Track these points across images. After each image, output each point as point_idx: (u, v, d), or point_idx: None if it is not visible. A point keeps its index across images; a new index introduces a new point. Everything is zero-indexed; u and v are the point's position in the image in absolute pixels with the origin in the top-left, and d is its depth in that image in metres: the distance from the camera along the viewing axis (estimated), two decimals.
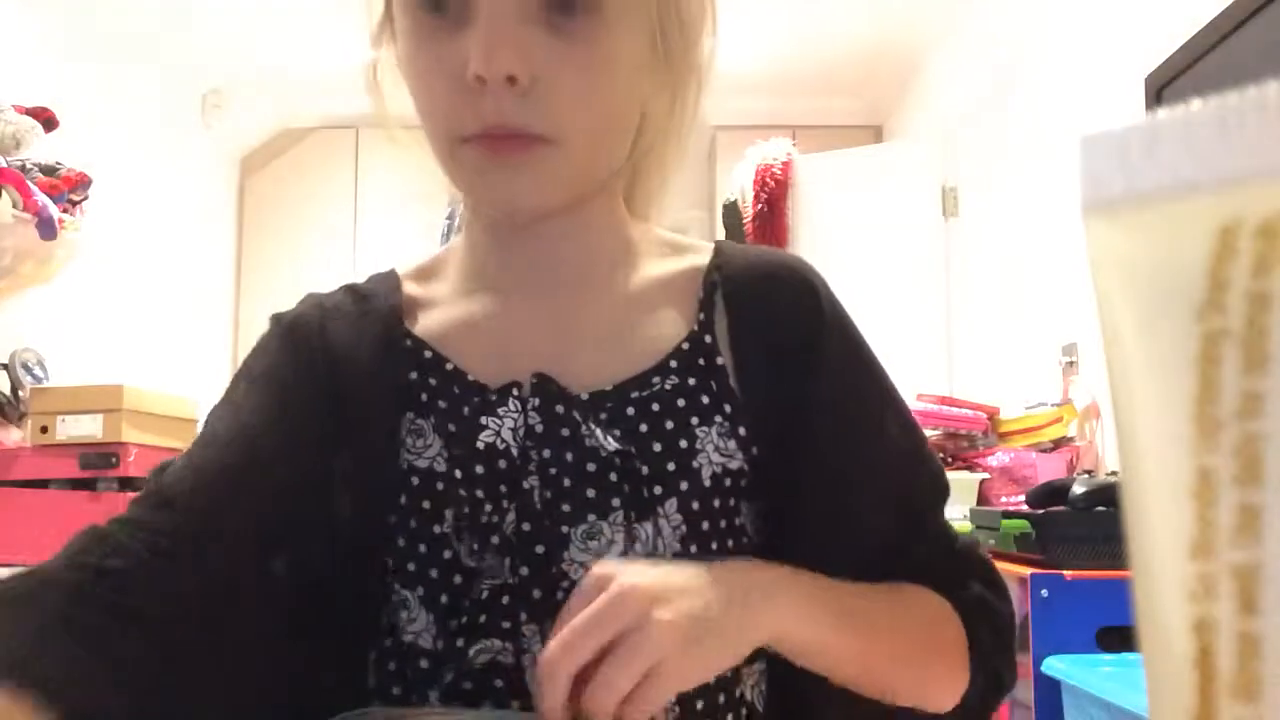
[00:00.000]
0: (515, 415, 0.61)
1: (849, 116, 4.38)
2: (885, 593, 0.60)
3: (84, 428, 2.37)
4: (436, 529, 0.60)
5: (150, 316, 3.66)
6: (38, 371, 2.81)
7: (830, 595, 0.55)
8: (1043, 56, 2.75)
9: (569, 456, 0.60)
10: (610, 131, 0.62)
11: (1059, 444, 2.44)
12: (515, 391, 0.62)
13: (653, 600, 0.48)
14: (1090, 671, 1.34)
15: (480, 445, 0.60)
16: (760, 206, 3.59)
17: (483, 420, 0.61)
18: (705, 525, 0.60)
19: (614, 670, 0.47)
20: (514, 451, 0.60)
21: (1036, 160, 2.75)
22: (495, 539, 0.59)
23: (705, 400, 0.62)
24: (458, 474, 0.60)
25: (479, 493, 0.59)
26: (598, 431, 0.60)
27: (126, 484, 2.39)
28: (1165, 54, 2.00)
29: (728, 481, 0.61)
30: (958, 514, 2.38)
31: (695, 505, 0.60)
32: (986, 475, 2.50)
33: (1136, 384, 0.22)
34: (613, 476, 0.60)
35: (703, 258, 0.69)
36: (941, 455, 2.68)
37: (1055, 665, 1.42)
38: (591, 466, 0.60)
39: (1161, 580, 0.22)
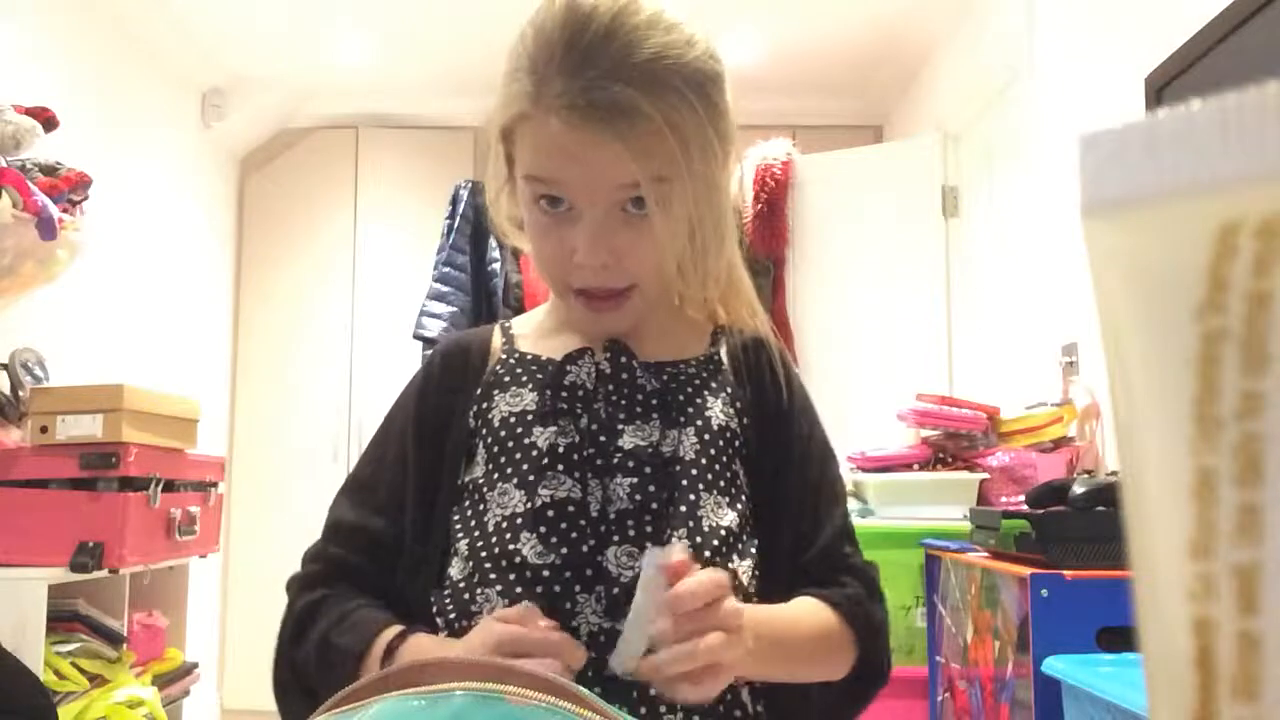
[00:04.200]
0: (590, 365, 0.92)
1: (849, 116, 4.38)
2: (799, 615, 0.87)
3: (84, 428, 2.37)
4: (527, 440, 0.88)
5: (150, 316, 3.66)
6: (38, 371, 2.81)
7: (768, 639, 0.81)
8: (1043, 56, 2.75)
9: (625, 390, 0.91)
10: (664, 275, 0.92)
11: (1059, 444, 2.44)
12: (590, 353, 0.93)
13: (742, 629, 0.75)
14: (1090, 671, 1.34)
15: (566, 382, 0.91)
16: (760, 206, 3.59)
17: (568, 368, 0.92)
18: (713, 451, 0.89)
19: (702, 646, 0.71)
20: (589, 385, 0.91)
21: (1036, 160, 2.75)
22: (571, 429, 0.88)
23: (714, 384, 0.94)
24: (548, 401, 0.89)
25: (562, 406, 0.89)
26: (648, 377, 0.92)
27: (126, 484, 2.39)
28: (1165, 54, 2.00)
29: (728, 434, 0.91)
30: (957, 514, 2.39)
31: (706, 437, 0.90)
32: (986, 475, 2.50)
33: (1136, 384, 0.22)
34: (654, 402, 0.90)
35: (712, 325, 1.02)
36: (941, 455, 2.68)
37: (1055, 665, 1.42)
38: (640, 396, 0.91)
39: (1161, 580, 0.22)
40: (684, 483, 0.86)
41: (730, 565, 0.86)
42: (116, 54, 3.47)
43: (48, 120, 2.59)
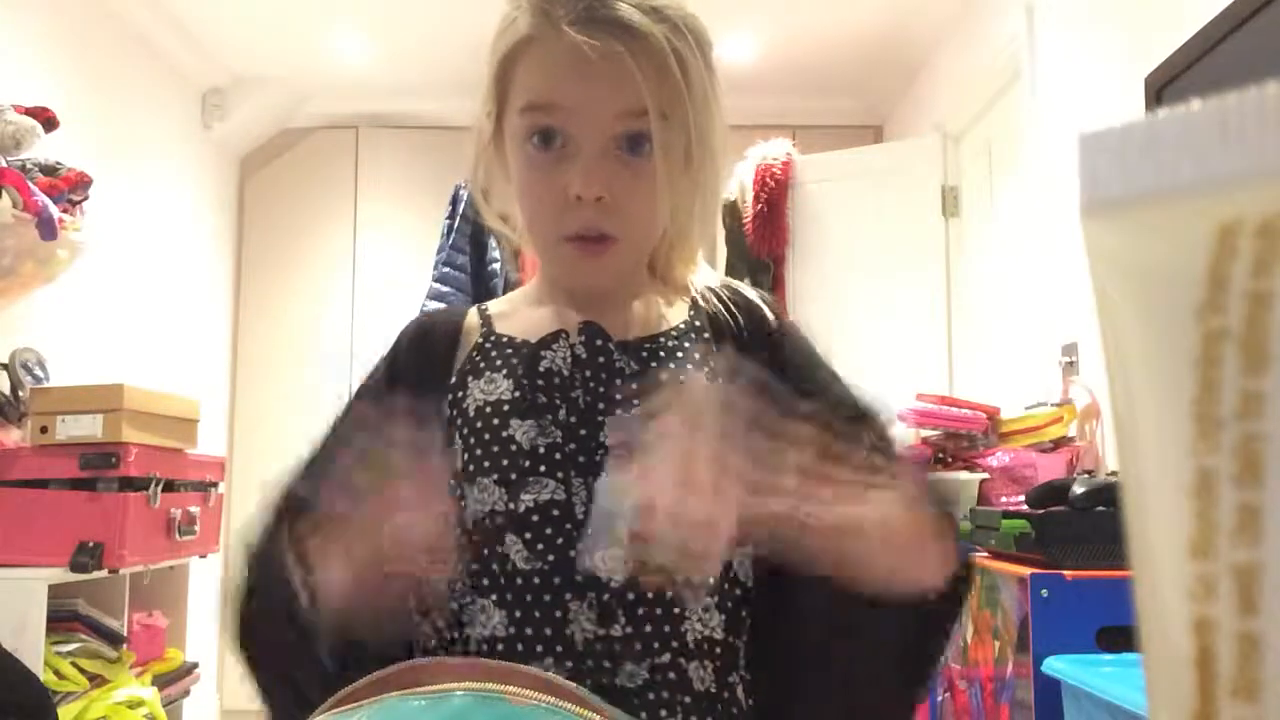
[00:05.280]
0: (565, 349, 0.89)
1: (849, 116, 4.38)
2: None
3: (84, 428, 2.37)
4: (505, 434, 0.85)
5: (150, 316, 3.66)
6: (38, 371, 2.81)
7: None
8: (1043, 56, 2.75)
9: (604, 375, 0.87)
10: (655, 227, 0.90)
11: (1059, 444, 2.44)
12: (565, 336, 0.89)
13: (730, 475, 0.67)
14: (1090, 671, 1.34)
15: (541, 369, 0.87)
16: (760, 206, 3.59)
17: (542, 353, 0.88)
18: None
19: (690, 508, 0.65)
20: (565, 371, 0.87)
21: (1036, 160, 2.75)
22: (552, 426, 0.85)
23: (696, 355, 0.91)
24: (524, 389, 0.86)
25: (540, 399, 0.86)
26: (625, 360, 0.88)
27: (126, 484, 2.39)
28: (1165, 54, 2.00)
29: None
30: (957, 514, 2.38)
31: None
32: (986, 475, 2.50)
33: (1136, 384, 0.22)
34: (634, 386, 0.85)
35: (688, 294, 0.98)
36: (941, 455, 2.68)
37: (1055, 665, 1.42)
38: (619, 381, 0.87)
39: (1161, 580, 0.22)
40: None
41: (730, 571, 0.85)
42: (116, 54, 3.47)
43: (48, 120, 2.59)
